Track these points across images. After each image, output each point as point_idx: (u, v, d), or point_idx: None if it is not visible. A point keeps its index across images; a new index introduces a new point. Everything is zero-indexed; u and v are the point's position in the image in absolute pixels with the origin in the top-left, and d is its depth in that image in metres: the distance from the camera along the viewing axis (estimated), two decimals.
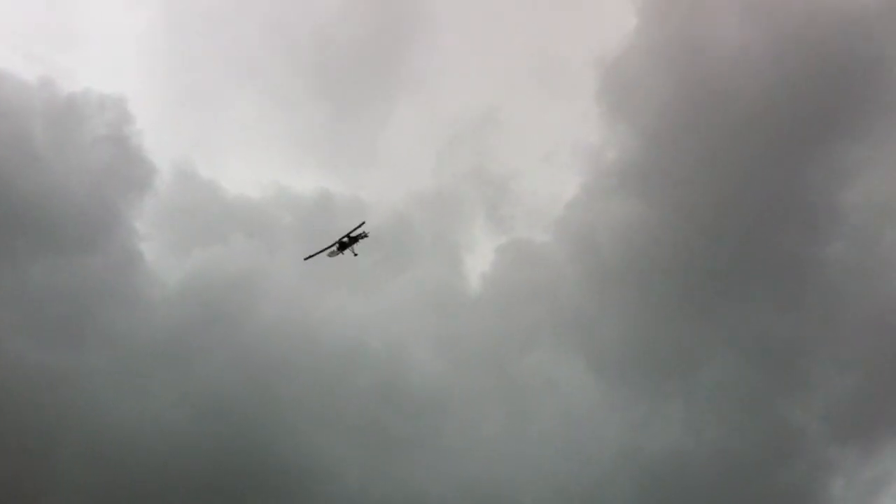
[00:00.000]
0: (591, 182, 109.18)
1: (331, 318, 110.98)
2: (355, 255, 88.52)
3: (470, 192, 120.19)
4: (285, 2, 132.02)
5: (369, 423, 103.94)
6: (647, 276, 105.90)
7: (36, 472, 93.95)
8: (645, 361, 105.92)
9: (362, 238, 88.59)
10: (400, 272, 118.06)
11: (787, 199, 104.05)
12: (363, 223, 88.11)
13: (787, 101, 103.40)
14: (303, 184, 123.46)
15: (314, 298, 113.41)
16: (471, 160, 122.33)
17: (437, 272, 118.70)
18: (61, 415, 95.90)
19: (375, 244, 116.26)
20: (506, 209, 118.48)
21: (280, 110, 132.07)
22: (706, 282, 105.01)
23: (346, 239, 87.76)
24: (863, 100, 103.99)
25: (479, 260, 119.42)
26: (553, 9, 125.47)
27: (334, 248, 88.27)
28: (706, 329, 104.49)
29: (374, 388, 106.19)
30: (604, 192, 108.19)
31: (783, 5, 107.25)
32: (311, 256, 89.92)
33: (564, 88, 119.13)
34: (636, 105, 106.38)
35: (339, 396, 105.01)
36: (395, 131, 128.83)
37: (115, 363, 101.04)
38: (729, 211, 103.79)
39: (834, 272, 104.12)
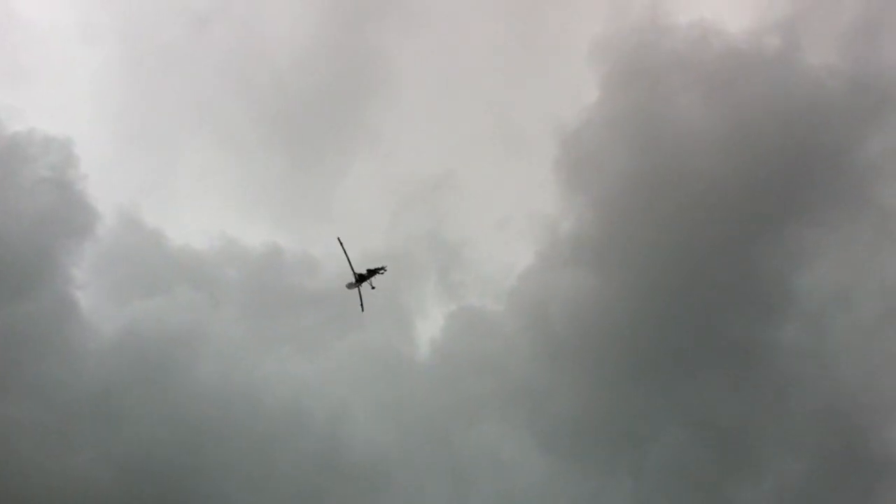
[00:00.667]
0: (546, 252, 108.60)
1: (272, 379, 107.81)
2: (373, 287, 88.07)
3: (423, 256, 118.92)
4: (245, 47, 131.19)
5: (306, 491, 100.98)
6: (598, 352, 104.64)
7: None
8: (594, 438, 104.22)
9: (380, 272, 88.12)
10: (347, 333, 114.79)
11: (741, 280, 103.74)
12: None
13: (745, 181, 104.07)
14: (252, 236, 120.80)
15: (256, 357, 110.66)
16: (425, 223, 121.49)
17: (386, 335, 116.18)
18: None
19: (325, 303, 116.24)
20: (458, 275, 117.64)
21: (233, 158, 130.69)
22: (658, 359, 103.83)
23: (364, 272, 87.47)
24: (820, 184, 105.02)
25: (430, 325, 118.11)
26: (517, 75, 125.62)
27: (353, 281, 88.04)
28: (657, 407, 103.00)
29: (312, 455, 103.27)
30: (558, 264, 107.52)
31: (745, 88, 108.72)
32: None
33: (523, 156, 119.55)
34: (594, 177, 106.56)
35: (275, 462, 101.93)
36: (351, 187, 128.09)
37: (40, 416, 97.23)
38: (683, 289, 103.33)
39: (785, 356, 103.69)
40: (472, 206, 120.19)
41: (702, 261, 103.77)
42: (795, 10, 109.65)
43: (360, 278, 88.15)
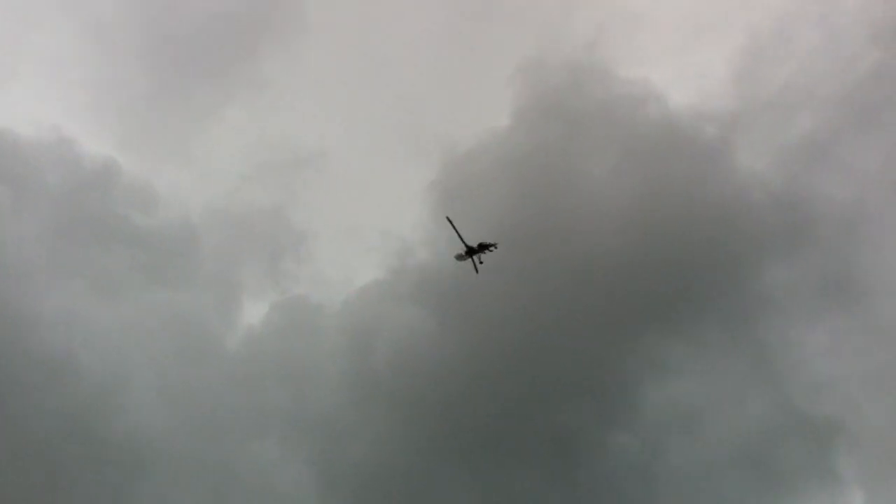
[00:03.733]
0: (392, 276, 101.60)
1: (48, 315, 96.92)
2: (480, 262, 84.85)
3: (263, 230, 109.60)
4: None
5: (49, 462, 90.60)
6: (415, 402, 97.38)
7: None
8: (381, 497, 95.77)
9: (492, 249, 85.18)
10: (157, 287, 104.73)
11: (585, 373, 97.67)
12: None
13: (627, 267, 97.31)
14: (91, 145, 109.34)
15: (42, 284, 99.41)
16: (277, 196, 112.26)
17: (202, 305, 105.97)
18: None
19: (147, 246, 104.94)
20: (293, 265, 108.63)
21: (95, 55, 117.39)
22: (476, 434, 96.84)
23: (476, 246, 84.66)
24: (702, 299, 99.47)
25: (254, 310, 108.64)
26: (435, 81, 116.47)
27: (462, 250, 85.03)
28: (460, 486, 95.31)
29: (67, 419, 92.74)
30: (401, 293, 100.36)
31: (665, 166, 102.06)
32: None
33: (404, 166, 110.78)
34: (465, 214, 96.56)
35: (26, 423, 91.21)
36: (217, 130, 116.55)
37: None
38: (522, 367, 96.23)
39: (611, 462, 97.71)
40: (332, 198, 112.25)
41: (553, 339, 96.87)
42: (744, 105, 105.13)
43: (470, 251, 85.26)
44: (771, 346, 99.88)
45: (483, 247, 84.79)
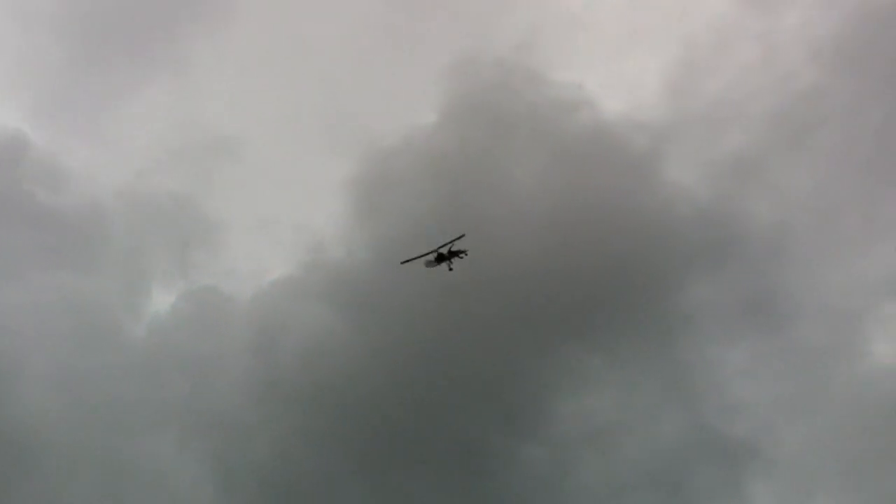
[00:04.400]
0: (303, 272, 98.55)
1: None
2: (450, 269, 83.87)
3: (173, 217, 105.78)
4: None
5: None
6: (319, 402, 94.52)
7: None
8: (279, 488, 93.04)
9: (462, 256, 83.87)
10: (56, 270, 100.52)
11: (497, 383, 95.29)
12: (463, 235, 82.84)
13: (546, 274, 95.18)
14: None
15: None
16: (190, 183, 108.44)
17: (105, 290, 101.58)
18: None
19: (51, 226, 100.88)
20: (202, 255, 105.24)
21: (9, 17, 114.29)
22: (383, 435, 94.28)
23: (445, 251, 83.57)
24: (620, 313, 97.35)
25: (163, 298, 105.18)
26: (363, 73, 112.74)
27: (432, 257, 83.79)
28: (360, 487, 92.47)
29: None
30: (310, 290, 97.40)
31: (593, 172, 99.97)
32: (408, 261, 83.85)
33: (325, 159, 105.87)
34: (384, 213, 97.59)
35: None
36: (134, 108, 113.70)
37: None
38: (433, 374, 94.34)
39: (519, 472, 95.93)
40: (247, 187, 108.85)
41: (465, 345, 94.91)
42: (676, 117, 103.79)
43: (440, 258, 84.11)
44: (689, 365, 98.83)
45: (453, 254, 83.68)
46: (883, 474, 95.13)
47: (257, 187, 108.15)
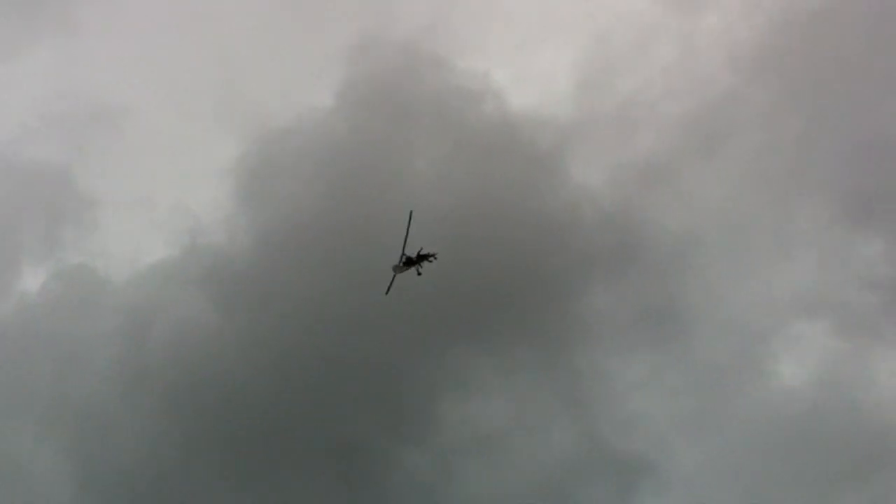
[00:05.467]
0: (179, 257, 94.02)
1: None
2: (419, 274, 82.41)
3: (43, 190, 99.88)
4: None
5: None
6: (192, 387, 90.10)
7: None
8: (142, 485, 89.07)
9: (431, 260, 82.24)
10: None
11: (383, 384, 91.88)
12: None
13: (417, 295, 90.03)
14: None
15: None
16: (64, 154, 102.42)
17: None
18: None
19: None
20: (75, 232, 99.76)
21: None
22: (259, 436, 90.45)
23: (414, 256, 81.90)
24: (501, 313, 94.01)
25: (32, 276, 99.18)
26: (261, 49, 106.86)
27: (400, 262, 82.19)
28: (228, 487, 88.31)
29: None
30: (187, 277, 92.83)
31: (496, 165, 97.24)
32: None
33: (213, 137, 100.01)
34: (271, 198, 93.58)
35: None
36: (11, 74, 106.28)
37: None
38: (311, 372, 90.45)
39: (402, 476, 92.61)
40: (127, 162, 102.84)
41: (348, 343, 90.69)
42: (585, 115, 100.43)
43: (409, 262, 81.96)
44: (584, 375, 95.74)
45: (422, 257, 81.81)
46: (781, 499, 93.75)
47: (137, 163, 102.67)
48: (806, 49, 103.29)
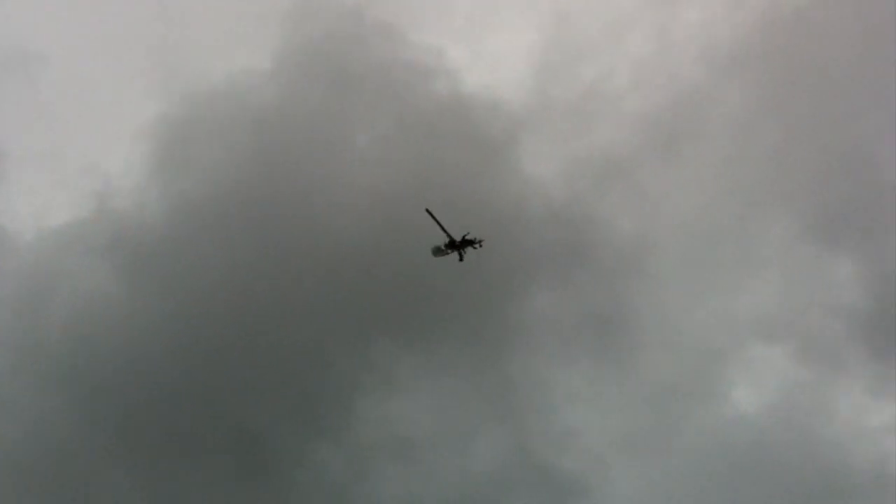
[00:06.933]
0: (87, 221, 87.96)
1: None
2: (461, 260, 78.42)
3: None
4: None
5: None
6: (90, 366, 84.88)
7: None
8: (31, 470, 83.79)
9: (476, 246, 77.94)
10: None
11: (298, 380, 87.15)
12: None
13: (343, 274, 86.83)
14: None
15: None
16: None
17: None
18: None
19: None
20: None
21: None
22: (156, 416, 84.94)
23: (459, 240, 77.87)
24: (433, 308, 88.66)
25: None
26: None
27: (442, 245, 78.52)
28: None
29: None
30: (95, 243, 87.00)
31: (444, 144, 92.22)
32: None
33: (131, 100, 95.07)
34: (187, 166, 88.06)
35: None
36: None
37: None
38: (217, 358, 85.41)
39: (311, 480, 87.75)
40: (39, 113, 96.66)
41: (265, 328, 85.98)
42: (541, 104, 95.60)
43: (453, 245, 78.07)
44: (518, 382, 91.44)
45: (467, 242, 77.95)
46: None
47: (49, 114, 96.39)
48: (788, 52, 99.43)
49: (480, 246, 77.93)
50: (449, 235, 76.68)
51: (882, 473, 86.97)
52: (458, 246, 77.82)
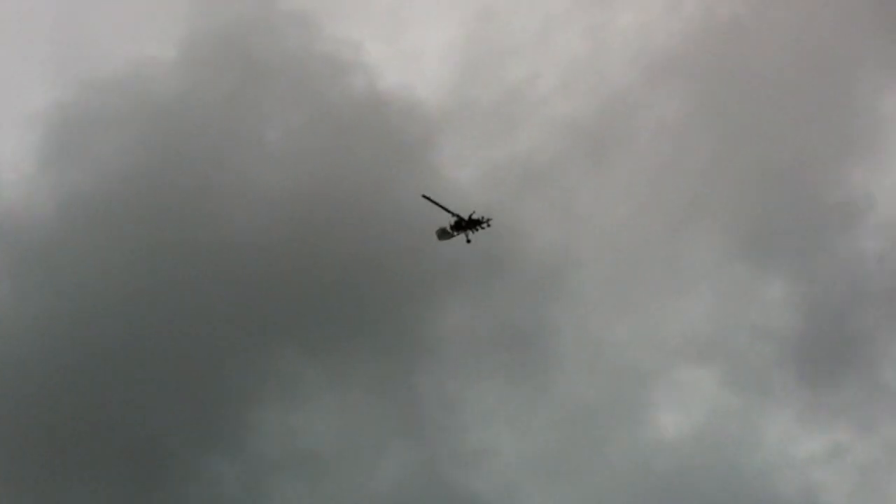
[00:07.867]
0: None
1: None
2: (468, 241, 76.15)
3: None
4: None
5: None
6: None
7: None
8: None
9: (484, 227, 75.83)
10: None
11: (193, 388, 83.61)
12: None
13: (242, 276, 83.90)
14: None
15: None
16: None
17: None
18: None
19: None
20: None
21: None
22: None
23: (465, 220, 75.57)
24: (339, 316, 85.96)
25: None
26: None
27: (448, 227, 76.33)
28: None
29: None
30: None
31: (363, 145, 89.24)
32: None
33: (31, 78, 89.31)
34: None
35: None
36: None
37: None
38: (110, 372, 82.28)
39: (204, 495, 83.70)
40: None
41: (157, 334, 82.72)
42: (461, 105, 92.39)
43: (459, 226, 75.60)
44: (427, 397, 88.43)
45: (474, 222, 75.67)
46: None
47: None
48: (724, 59, 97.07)
49: (489, 225, 75.58)
50: (456, 215, 73.83)
51: None
52: (466, 226, 75.48)
